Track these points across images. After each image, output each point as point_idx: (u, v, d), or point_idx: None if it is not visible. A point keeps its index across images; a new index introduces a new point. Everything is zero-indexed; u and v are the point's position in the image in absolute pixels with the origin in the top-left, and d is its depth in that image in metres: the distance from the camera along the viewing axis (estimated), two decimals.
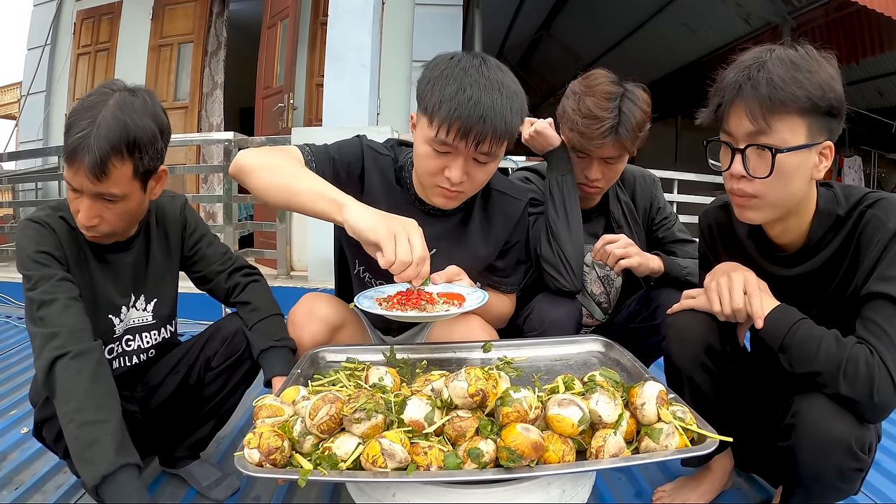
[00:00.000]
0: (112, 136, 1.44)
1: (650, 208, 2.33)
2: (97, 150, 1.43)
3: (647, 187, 2.33)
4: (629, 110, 1.96)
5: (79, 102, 1.50)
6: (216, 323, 1.84)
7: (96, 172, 1.44)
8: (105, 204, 1.51)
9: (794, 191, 1.40)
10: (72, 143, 1.43)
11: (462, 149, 1.55)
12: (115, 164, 1.46)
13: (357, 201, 1.44)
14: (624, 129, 1.95)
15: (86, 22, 7.80)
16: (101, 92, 1.50)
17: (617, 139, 1.95)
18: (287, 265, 4.70)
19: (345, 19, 4.56)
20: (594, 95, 1.97)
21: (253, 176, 1.56)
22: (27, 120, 7.99)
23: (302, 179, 1.51)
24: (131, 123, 1.47)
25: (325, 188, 1.47)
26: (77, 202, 1.51)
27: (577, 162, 2.08)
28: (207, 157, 6.77)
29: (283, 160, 1.59)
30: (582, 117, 1.96)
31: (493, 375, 1.15)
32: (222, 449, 2.16)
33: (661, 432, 1.12)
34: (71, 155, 1.44)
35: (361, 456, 1.06)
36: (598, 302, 2.29)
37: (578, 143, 2.01)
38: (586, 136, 1.96)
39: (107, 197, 1.50)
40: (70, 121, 1.47)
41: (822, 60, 1.37)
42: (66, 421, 1.35)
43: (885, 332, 1.31)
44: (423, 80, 1.60)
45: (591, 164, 2.05)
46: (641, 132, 2.00)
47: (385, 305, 1.52)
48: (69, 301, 1.47)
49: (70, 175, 1.47)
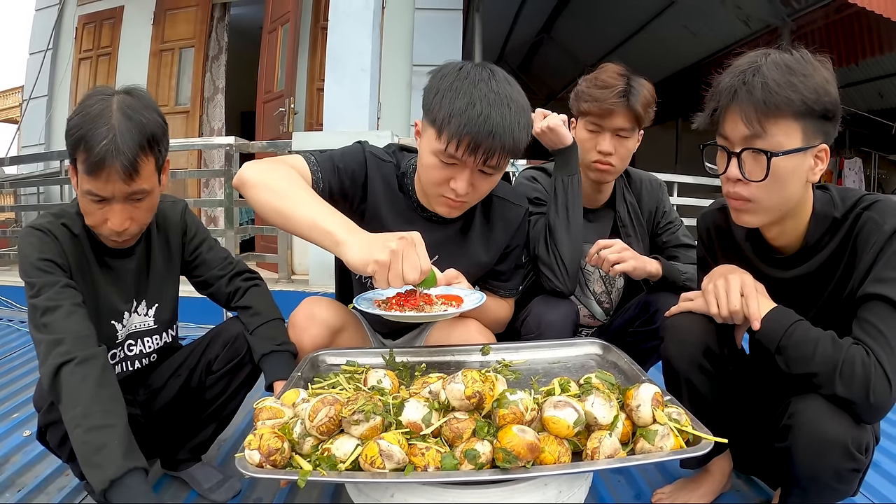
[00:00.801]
0: (135, 136, 1.48)
1: (655, 212, 2.35)
2: (128, 152, 1.46)
3: (654, 191, 2.36)
4: (637, 86, 2.05)
5: (78, 114, 1.49)
6: (217, 327, 1.85)
7: (130, 173, 1.48)
8: (134, 204, 1.55)
9: (790, 194, 1.41)
10: (98, 153, 1.44)
11: (470, 163, 1.56)
12: (142, 161, 1.50)
13: (352, 232, 1.39)
14: (634, 97, 2.03)
15: (87, 27, 7.82)
16: (99, 99, 1.51)
17: (628, 106, 2.02)
18: (288, 269, 4.71)
19: (345, 24, 4.58)
20: (606, 71, 2.08)
21: (253, 192, 1.53)
22: (29, 124, 8.01)
23: (301, 206, 1.46)
24: (145, 120, 1.51)
25: (322, 220, 1.42)
26: (103, 212, 1.53)
27: (590, 137, 2.11)
28: (209, 162, 6.77)
29: (284, 178, 1.54)
30: (596, 87, 2.06)
31: (490, 378, 1.17)
32: (224, 451, 2.17)
33: (656, 434, 1.13)
34: (98, 165, 1.45)
35: (360, 457, 1.06)
36: (600, 301, 2.30)
37: (593, 108, 2.06)
38: (599, 100, 2.04)
39: (137, 196, 1.54)
40: (79, 133, 1.46)
41: (818, 64, 1.37)
42: (73, 426, 1.35)
43: (882, 333, 1.32)
44: (431, 90, 1.60)
45: (604, 136, 2.08)
46: (649, 109, 2.08)
47: (384, 307, 1.53)
48: (73, 307, 1.48)
49: (99, 185, 1.48)
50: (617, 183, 2.29)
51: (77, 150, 1.48)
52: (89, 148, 1.45)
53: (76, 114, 1.50)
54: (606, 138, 2.08)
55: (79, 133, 1.47)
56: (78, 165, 1.49)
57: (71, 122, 1.49)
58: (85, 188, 1.50)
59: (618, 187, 2.30)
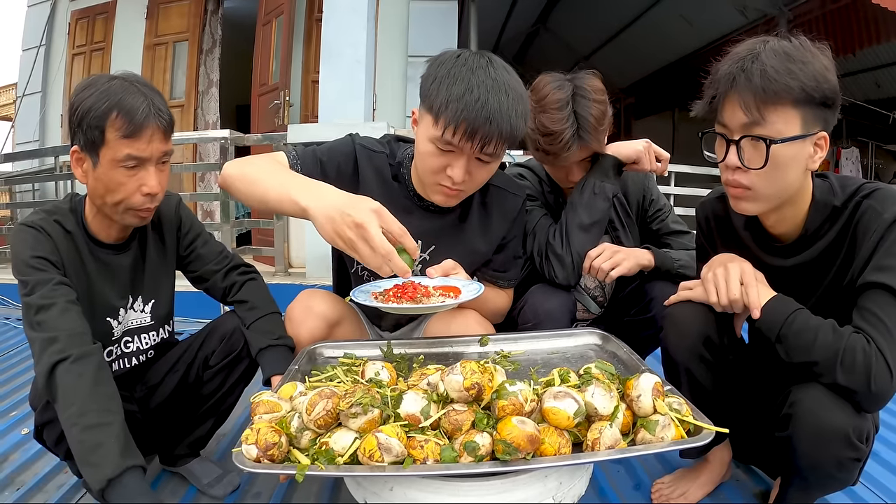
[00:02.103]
0: (163, 99, 1.58)
1: (643, 200, 2.31)
2: (165, 111, 1.56)
3: (639, 180, 2.31)
4: (583, 110, 1.92)
5: (91, 93, 1.49)
6: (214, 321, 1.84)
7: (168, 132, 1.57)
8: (161, 167, 1.59)
9: (789, 182, 1.41)
10: (141, 113, 1.49)
11: (467, 149, 1.55)
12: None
13: (321, 200, 1.37)
14: (584, 131, 1.93)
15: (80, 22, 7.78)
16: (107, 79, 1.53)
17: (581, 143, 1.94)
18: (285, 262, 4.70)
19: (340, 15, 4.56)
20: (545, 111, 1.93)
21: (232, 186, 1.58)
22: (23, 121, 7.98)
23: (271, 185, 1.48)
24: (156, 90, 1.58)
25: (290, 190, 1.42)
26: (137, 178, 1.54)
27: (555, 171, 2.09)
28: (204, 156, 6.77)
29: (260, 167, 1.57)
30: (542, 136, 1.95)
31: (489, 369, 1.16)
32: (222, 447, 2.17)
33: (657, 424, 1.12)
34: (141, 126, 1.50)
35: (358, 450, 1.06)
36: (594, 296, 2.29)
37: (548, 160, 2.02)
38: (552, 153, 1.96)
39: (165, 158, 1.60)
40: (106, 105, 1.48)
41: (816, 51, 1.36)
42: (69, 425, 1.35)
43: (882, 322, 1.31)
44: (429, 77, 1.59)
45: (570, 169, 2.05)
46: (603, 125, 1.97)
47: (381, 299, 1.52)
48: (67, 305, 1.47)
49: (141, 146, 1.51)
50: None
51: (107, 120, 1.48)
52: (129, 111, 1.48)
53: (86, 95, 1.50)
54: (573, 170, 2.06)
55: (106, 105, 1.48)
56: (110, 134, 1.49)
57: (85, 102, 1.49)
58: (122, 154, 1.50)
59: None
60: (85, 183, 1.59)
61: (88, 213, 1.65)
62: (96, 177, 1.54)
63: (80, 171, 1.57)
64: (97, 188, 1.56)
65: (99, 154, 1.51)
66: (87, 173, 1.56)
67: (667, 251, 2.13)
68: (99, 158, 1.52)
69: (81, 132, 1.51)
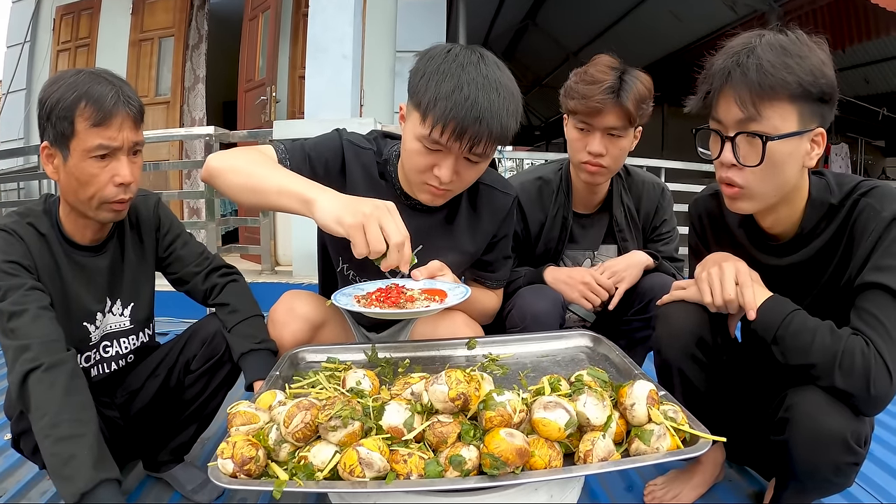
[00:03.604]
0: (131, 88, 1.55)
1: (653, 216, 2.28)
2: (134, 99, 1.53)
3: (654, 194, 2.28)
4: (630, 80, 1.94)
5: (58, 87, 1.47)
6: (195, 324, 1.80)
7: (138, 120, 1.54)
8: (133, 158, 1.56)
9: (785, 179, 1.38)
10: (109, 101, 1.47)
11: (455, 149, 1.50)
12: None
13: (326, 191, 1.39)
14: (625, 93, 1.91)
15: (65, 18, 7.74)
16: (73, 72, 1.51)
17: (618, 103, 1.91)
18: (272, 260, 4.68)
19: (326, 10, 4.53)
20: (596, 65, 1.97)
21: (220, 179, 1.53)
22: (7, 118, 7.94)
23: (268, 177, 1.46)
24: (125, 81, 1.56)
25: (291, 183, 1.42)
26: (109, 168, 1.51)
27: (580, 137, 2.02)
28: (190, 153, 6.72)
29: (250, 159, 1.54)
30: (584, 83, 1.94)
31: (476, 377, 1.10)
32: (206, 451, 2.13)
33: (651, 434, 1.08)
34: (110, 114, 1.47)
35: (339, 465, 1.01)
36: (594, 310, 2.26)
37: (580, 107, 1.96)
38: (587, 97, 1.92)
39: (137, 147, 1.56)
40: (74, 96, 1.45)
41: (813, 45, 1.34)
42: (42, 437, 1.31)
43: (881, 323, 1.29)
44: (417, 72, 1.53)
45: (594, 136, 1.98)
46: (644, 105, 1.97)
47: (364, 302, 1.47)
48: (39, 311, 1.43)
49: (111, 134, 1.48)
50: (614, 183, 2.22)
51: (76, 111, 1.45)
52: (98, 100, 1.46)
53: (54, 89, 1.48)
54: (596, 138, 1.98)
55: (74, 95, 1.45)
56: (80, 125, 1.46)
57: (52, 96, 1.47)
58: (93, 144, 1.47)
59: (615, 188, 2.22)
60: (56, 179, 1.55)
61: (63, 213, 1.60)
62: (68, 171, 1.50)
63: (52, 168, 1.54)
64: (69, 183, 1.52)
65: (69, 147, 1.48)
66: (58, 169, 1.53)
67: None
68: (70, 151, 1.48)
69: (51, 126, 1.48)
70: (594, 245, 2.26)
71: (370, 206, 1.34)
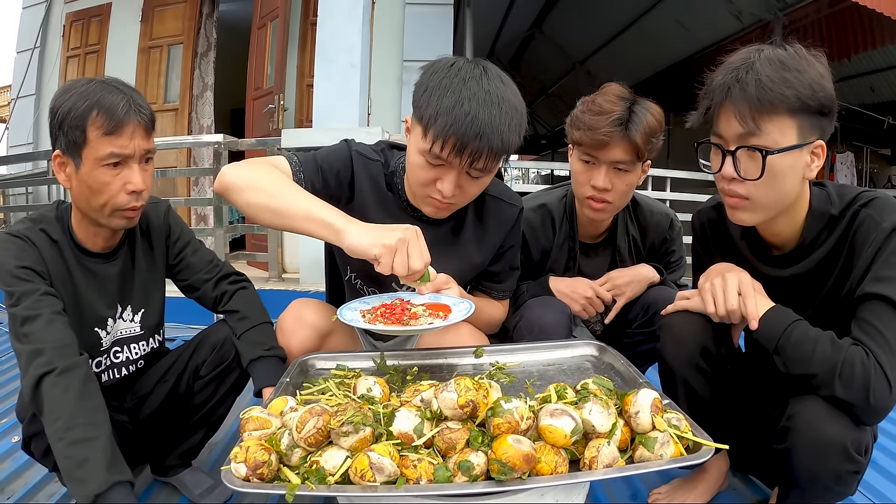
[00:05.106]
0: (142, 97, 1.58)
1: (659, 247, 2.23)
2: (146, 108, 1.56)
3: (662, 226, 2.22)
4: (640, 111, 1.87)
5: (70, 97, 1.49)
6: (205, 330, 1.82)
7: (150, 129, 1.57)
8: (145, 166, 1.58)
9: (786, 191, 1.39)
10: (121, 109, 1.49)
11: (456, 164, 1.50)
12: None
13: (351, 221, 1.41)
14: (634, 126, 1.84)
15: (75, 24, 7.74)
16: (84, 82, 1.53)
17: (626, 136, 1.84)
18: (279, 268, 4.68)
19: (335, 19, 4.54)
20: (604, 94, 1.90)
21: (239, 195, 1.52)
22: (17, 123, 7.94)
23: (293, 202, 1.46)
24: (136, 90, 1.58)
25: (318, 211, 1.43)
26: (121, 177, 1.53)
27: (584, 170, 1.95)
28: (198, 160, 6.72)
29: (271, 177, 1.53)
30: (591, 113, 1.88)
31: (484, 385, 1.13)
32: (214, 456, 2.15)
33: (655, 441, 1.10)
34: (122, 123, 1.49)
35: (350, 470, 1.03)
36: (593, 330, 2.27)
37: (585, 138, 1.88)
38: (593, 128, 1.85)
39: (149, 155, 1.59)
40: (86, 105, 1.47)
41: (812, 59, 1.35)
42: (56, 440, 1.33)
43: (881, 334, 1.30)
44: (421, 86, 1.54)
45: (600, 170, 1.91)
46: (654, 139, 1.89)
47: (369, 317, 1.49)
48: (53, 316, 1.45)
49: (123, 142, 1.51)
50: (620, 213, 2.15)
51: (88, 119, 1.48)
52: (109, 109, 1.48)
53: (65, 98, 1.50)
54: (602, 172, 1.91)
55: (86, 104, 1.48)
56: (91, 133, 1.49)
57: (64, 105, 1.49)
58: (105, 152, 1.49)
59: (620, 218, 2.17)
60: (69, 187, 1.57)
61: (75, 220, 1.63)
62: (80, 179, 1.53)
63: (64, 176, 1.56)
64: (81, 191, 1.55)
65: (81, 155, 1.50)
66: (70, 177, 1.55)
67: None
68: (81, 160, 1.51)
69: (63, 134, 1.50)
70: (598, 275, 2.17)
71: (396, 237, 1.36)
